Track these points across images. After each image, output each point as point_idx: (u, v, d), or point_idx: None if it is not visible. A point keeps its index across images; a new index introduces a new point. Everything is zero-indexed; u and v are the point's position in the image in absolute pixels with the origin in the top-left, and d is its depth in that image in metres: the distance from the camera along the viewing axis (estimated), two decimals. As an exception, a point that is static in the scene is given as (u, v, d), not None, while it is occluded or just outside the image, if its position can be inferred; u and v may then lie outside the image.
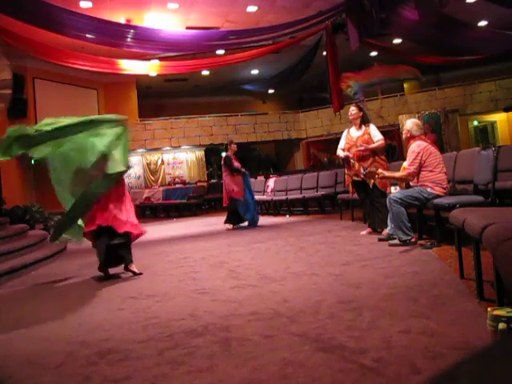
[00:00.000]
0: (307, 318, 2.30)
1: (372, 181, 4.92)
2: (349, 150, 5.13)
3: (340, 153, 5.29)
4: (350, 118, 5.26)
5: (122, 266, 4.15)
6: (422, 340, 1.86)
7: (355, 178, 5.13)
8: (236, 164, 7.43)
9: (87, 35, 8.03)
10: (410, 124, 4.36)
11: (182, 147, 16.37)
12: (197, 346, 2.08)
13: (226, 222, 7.62)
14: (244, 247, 5.20)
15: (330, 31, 10.31)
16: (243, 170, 7.48)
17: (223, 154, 7.97)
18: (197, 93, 17.86)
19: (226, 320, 2.43)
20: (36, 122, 13.35)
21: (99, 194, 3.97)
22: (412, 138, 4.32)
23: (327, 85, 10.85)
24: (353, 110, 5.23)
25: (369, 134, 5.07)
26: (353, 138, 5.16)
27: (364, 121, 5.20)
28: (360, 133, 5.14)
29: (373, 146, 4.99)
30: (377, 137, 5.05)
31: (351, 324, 2.14)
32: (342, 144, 5.30)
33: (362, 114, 5.20)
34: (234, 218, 7.53)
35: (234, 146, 7.50)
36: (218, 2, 10.24)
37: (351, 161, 5.10)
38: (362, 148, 4.99)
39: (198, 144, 16.34)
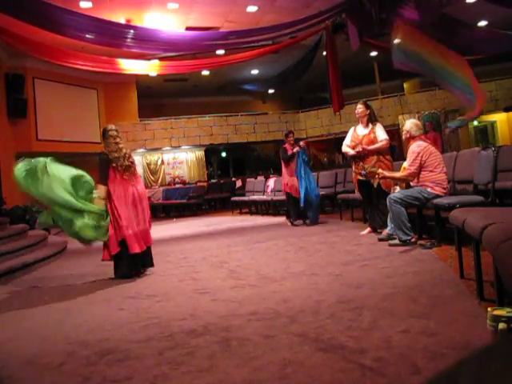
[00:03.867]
0: (307, 318, 2.30)
1: (376, 181, 4.86)
2: (353, 148, 5.05)
3: (348, 150, 5.15)
4: (357, 116, 5.17)
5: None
6: (421, 340, 1.86)
7: (359, 177, 5.09)
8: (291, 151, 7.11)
9: (87, 35, 8.01)
10: (409, 124, 4.35)
11: (182, 147, 16.35)
12: (197, 346, 2.08)
13: (286, 216, 7.58)
14: (244, 247, 5.20)
15: (330, 31, 10.30)
16: (296, 149, 6.95)
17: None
18: (197, 93, 17.84)
19: (226, 320, 2.43)
20: (36, 122, 13.24)
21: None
22: (412, 138, 4.32)
23: (327, 85, 10.84)
24: (359, 107, 5.15)
25: (374, 134, 4.99)
26: (359, 136, 5.09)
27: (371, 119, 5.11)
28: (366, 131, 5.06)
29: (373, 146, 4.93)
30: (381, 137, 4.96)
31: (351, 324, 2.14)
32: (347, 141, 5.21)
33: (369, 112, 5.10)
34: (292, 213, 7.28)
35: (290, 139, 7.22)
36: (218, 2, 10.22)
37: (357, 159, 5.02)
38: (360, 149, 4.93)
39: (197, 144, 16.32)
